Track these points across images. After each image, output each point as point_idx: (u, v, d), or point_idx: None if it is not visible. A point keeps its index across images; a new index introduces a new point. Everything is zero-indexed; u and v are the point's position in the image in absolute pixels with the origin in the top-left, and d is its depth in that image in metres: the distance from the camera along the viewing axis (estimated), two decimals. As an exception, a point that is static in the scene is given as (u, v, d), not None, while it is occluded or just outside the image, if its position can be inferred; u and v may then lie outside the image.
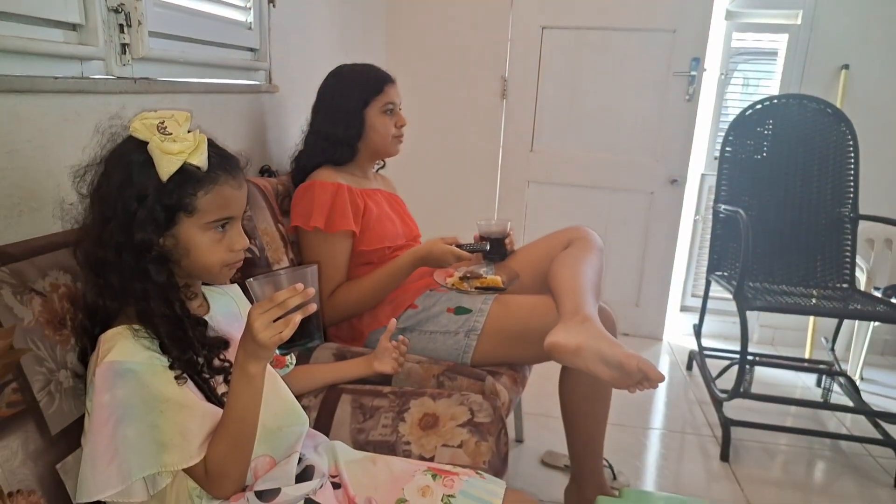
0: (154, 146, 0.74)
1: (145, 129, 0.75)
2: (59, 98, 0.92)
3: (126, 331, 0.74)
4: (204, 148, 0.77)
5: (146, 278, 0.76)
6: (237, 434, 0.76)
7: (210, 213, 0.78)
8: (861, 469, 1.84)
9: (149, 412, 0.71)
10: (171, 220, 0.76)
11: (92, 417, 0.71)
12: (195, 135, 0.76)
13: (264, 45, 1.54)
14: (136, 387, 0.71)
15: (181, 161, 0.74)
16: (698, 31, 2.45)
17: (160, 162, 0.74)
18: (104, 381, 0.70)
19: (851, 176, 2.17)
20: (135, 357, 0.72)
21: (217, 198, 0.78)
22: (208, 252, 0.79)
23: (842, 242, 2.17)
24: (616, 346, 1.08)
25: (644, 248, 2.68)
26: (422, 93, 2.57)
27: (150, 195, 0.74)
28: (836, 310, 1.98)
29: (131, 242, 0.75)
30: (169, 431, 0.72)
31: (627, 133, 2.61)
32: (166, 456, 0.72)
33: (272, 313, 0.72)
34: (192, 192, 0.76)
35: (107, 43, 0.98)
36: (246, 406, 0.76)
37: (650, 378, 1.05)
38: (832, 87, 2.55)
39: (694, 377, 2.41)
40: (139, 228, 0.74)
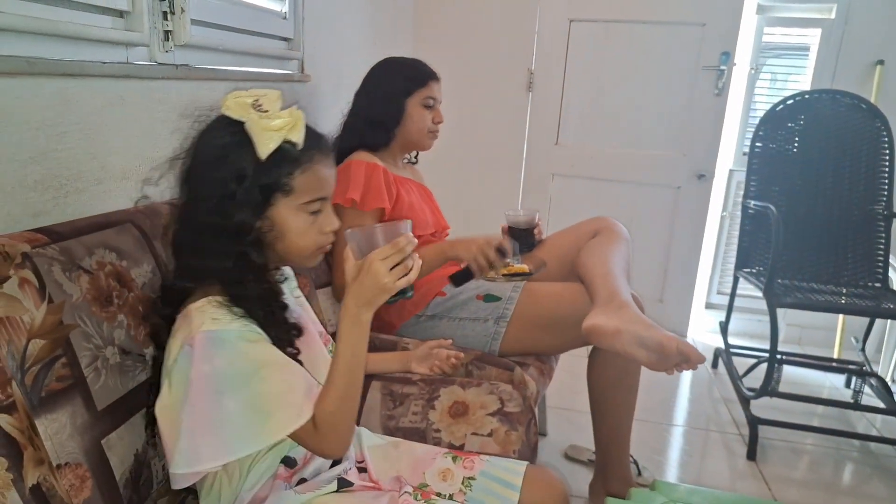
0: (252, 123, 0.72)
1: (240, 107, 0.73)
2: (105, 82, 0.94)
3: (215, 301, 0.73)
4: (302, 124, 0.75)
5: (244, 261, 0.74)
6: (347, 384, 0.75)
7: (306, 194, 0.76)
8: (891, 471, 1.81)
9: (250, 380, 0.70)
10: (267, 201, 0.75)
11: (190, 389, 0.69)
12: (292, 111, 0.75)
13: (298, 34, 1.55)
14: (235, 355, 0.71)
15: (281, 138, 0.73)
16: (729, 25, 2.42)
17: (260, 139, 0.72)
18: (203, 350, 0.69)
19: (886, 173, 2.12)
20: (230, 325, 0.71)
21: (312, 177, 0.76)
22: (303, 234, 0.78)
23: (874, 240, 2.12)
24: (654, 329, 1.08)
25: (669, 243, 2.65)
26: (448, 84, 2.55)
27: (249, 175, 0.73)
28: (868, 308, 1.95)
29: (229, 224, 0.73)
30: (273, 396, 0.71)
31: (654, 127, 2.58)
32: (272, 423, 0.71)
33: (393, 259, 0.73)
34: (289, 172, 0.74)
35: (151, 30, 1.00)
36: (356, 355, 0.75)
37: (690, 359, 1.04)
38: (866, 83, 2.50)
39: (719, 375, 2.38)
40: (238, 209, 0.73)
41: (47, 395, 0.71)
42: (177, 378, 0.72)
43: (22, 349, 0.69)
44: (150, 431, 0.83)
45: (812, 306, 1.87)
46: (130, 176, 1.02)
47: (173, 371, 0.72)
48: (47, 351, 0.71)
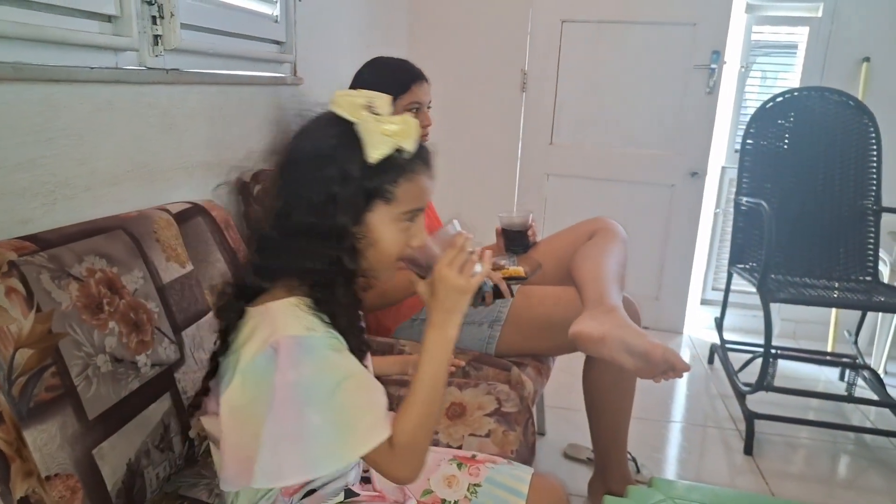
0: (365, 125, 0.69)
1: (352, 106, 0.70)
2: (93, 88, 0.93)
3: (300, 303, 0.69)
4: (417, 132, 0.72)
5: (336, 266, 0.71)
6: (429, 402, 0.72)
7: (405, 204, 0.73)
8: (887, 463, 1.82)
9: (335, 392, 0.67)
10: (367, 207, 0.71)
11: (275, 397, 0.65)
12: (405, 118, 0.72)
13: (290, 37, 1.55)
14: (322, 363, 0.67)
15: (394, 144, 0.70)
16: (719, 25, 2.43)
17: (371, 142, 0.69)
18: (290, 356, 0.65)
19: (874, 168, 2.14)
20: (317, 331, 0.68)
21: (415, 188, 0.73)
22: (393, 245, 0.74)
23: (865, 235, 2.14)
24: (641, 336, 1.07)
25: (664, 241, 2.66)
26: (442, 85, 2.55)
27: (354, 177, 0.69)
28: (860, 302, 1.96)
29: (327, 226, 0.70)
30: (356, 410, 0.68)
31: (647, 126, 2.59)
32: (355, 439, 0.67)
33: (458, 260, 0.72)
34: (393, 179, 0.71)
35: (140, 34, 0.99)
36: (438, 371, 0.73)
37: (676, 367, 1.04)
38: (853, 80, 2.52)
39: (715, 371, 2.39)
40: (339, 212, 0.69)
41: (36, 406, 0.70)
42: (254, 379, 0.67)
43: (9, 359, 0.68)
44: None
45: (805, 301, 1.88)
46: (121, 181, 1.01)
47: (249, 371, 0.67)
48: (36, 361, 0.70)
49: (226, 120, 1.30)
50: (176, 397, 0.90)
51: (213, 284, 1.04)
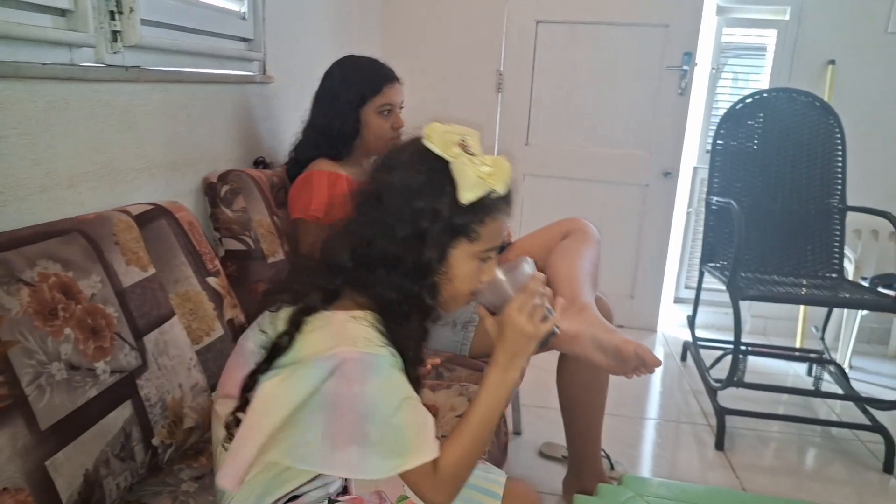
0: (461, 166, 0.70)
1: (445, 143, 0.71)
2: (46, 85, 0.89)
3: (367, 318, 0.71)
4: (509, 175, 0.73)
5: (415, 301, 0.73)
6: (479, 435, 0.74)
7: (486, 242, 0.74)
8: (851, 454, 1.86)
9: (395, 412, 0.69)
10: (451, 244, 0.73)
11: (336, 402, 0.67)
12: (498, 160, 0.72)
13: (259, 35, 1.52)
14: (386, 383, 0.69)
15: (488, 188, 0.71)
16: (690, 27, 2.46)
17: (465, 184, 0.70)
18: (356, 371, 0.67)
19: (839, 168, 2.19)
20: (384, 350, 0.70)
21: (497, 228, 0.75)
22: (467, 281, 0.76)
23: (831, 233, 2.19)
24: (613, 333, 1.09)
25: (638, 240, 2.69)
26: (418, 86, 2.55)
27: (444, 216, 0.70)
28: (826, 298, 2.00)
29: (412, 260, 0.71)
30: (410, 429, 0.70)
31: (621, 126, 2.61)
32: (404, 455, 0.69)
33: (530, 305, 0.73)
34: (480, 219, 0.72)
35: (97, 30, 0.96)
36: (494, 408, 0.75)
37: (647, 363, 1.05)
38: (820, 82, 2.57)
39: (688, 367, 2.42)
40: (426, 248, 0.71)
41: (-17, 418, 0.67)
42: (302, 379, 0.68)
43: (-45, 369, 0.64)
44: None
45: (773, 298, 1.92)
46: (78, 183, 0.98)
47: (301, 369, 0.68)
48: (-17, 370, 0.67)
49: (191, 119, 1.27)
50: (138, 404, 0.87)
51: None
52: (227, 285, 1.13)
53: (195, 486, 0.91)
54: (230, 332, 1.09)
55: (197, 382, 0.99)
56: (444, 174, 0.70)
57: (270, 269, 1.31)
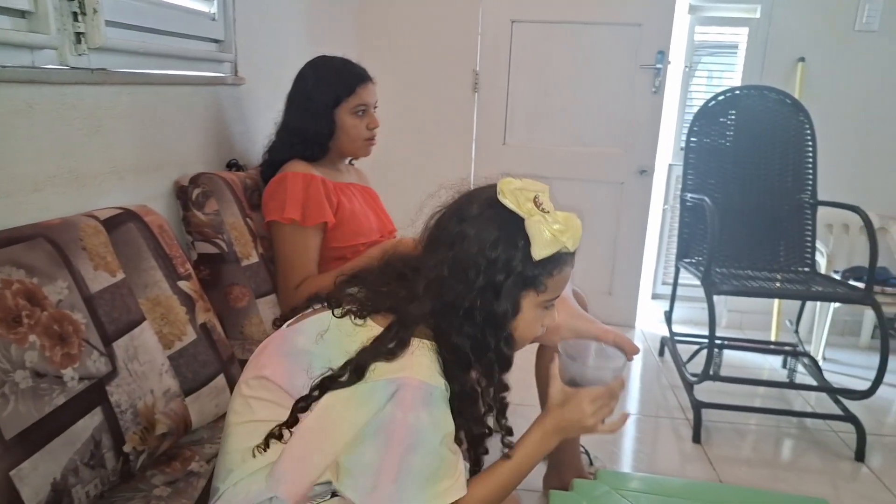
0: (538, 224, 0.72)
1: (519, 200, 0.74)
2: (7, 88, 0.88)
3: (432, 345, 0.73)
4: (579, 234, 0.76)
5: (494, 352, 0.75)
6: (508, 484, 0.80)
7: (552, 293, 0.77)
8: (825, 444, 1.90)
9: (439, 444, 0.71)
10: (521, 295, 0.75)
11: (389, 429, 0.68)
12: (570, 217, 0.75)
13: (229, 35, 1.50)
14: (438, 416, 0.71)
15: (560, 245, 0.73)
16: (663, 25, 2.50)
17: (539, 242, 0.72)
18: (413, 399, 0.69)
19: (810, 163, 2.23)
20: (439, 382, 0.72)
21: (563, 279, 0.77)
22: (531, 329, 0.79)
23: (803, 228, 2.23)
24: (592, 323, 1.11)
25: (615, 237, 2.72)
26: (394, 86, 2.55)
27: (517, 270, 0.73)
28: (799, 292, 2.05)
29: (486, 311, 0.73)
30: (448, 465, 0.72)
31: (597, 125, 2.64)
32: (439, 489, 0.71)
33: (602, 403, 0.79)
34: (549, 273, 0.75)
35: (60, 31, 0.95)
36: (528, 464, 0.81)
37: (626, 351, 1.06)
38: (790, 79, 2.63)
39: (666, 362, 2.46)
40: (500, 301, 0.73)
41: (-55, 428, 0.65)
42: (364, 398, 0.69)
43: (-87, 378, 0.63)
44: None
45: (747, 292, 1.95)
46: (44, 187, 0.96)
47: (365, 388, 0.69)
48: (-56, 379, 0.66)
49: (160, 122, 1.25)
50: (108, 411, 0.86)
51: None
52: (200, 289, 1.12)
53: (168, 491, 0.90)
54: (203, 336, 1.08)
55: (169, 388, 0.98)
56: (518, 229, 0.73)
57: (245, 272, 1.30)
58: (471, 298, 0.73)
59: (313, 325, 0.77)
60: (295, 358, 0.75)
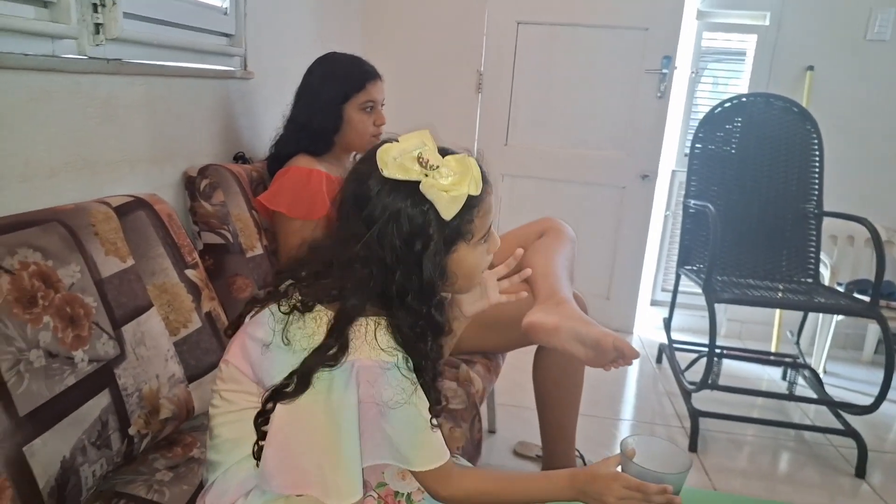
0: (432, 189, 0.69)
1: (404, 168, 0.69)
2: (27, 76, 0.90)
3: (383, 325, 0.72)
4: (478, 174, 0.73)
5: (426, 321, 0.73)
6: (508, 496, 0.80)
7: (481, 230, 0.76)
8: (824, 458, 1.89)
9: (410, 403, 0.71)
10: (449, 253, 0.74)
11: (361, 415, 0.70)
12: (461, 161, 0.72)
13: (240, 30, 1.53)
14: (395, 383, 0.70)
15: (464, 196, 0.71)
16: (670, 30, 2.50)
17: (443, 204, 0.70)
18: (370, 377, 0.69)
19: (816, 173, 2.23)
20: (392, 356, 0.71)
21: (486, 214, 0.76)
22: (476, 266, 0.78)
23: (807, 238, 2.22)
24: (592, 326, 1.11)
25: (615, 242, 2.72)
26: (398, 85, 2.56)
27: (433, 236, 0.71)
28: (801, 303, 2.03)
29: (415, 286, 0.72)
30: (422, 437, 0.74)
31: (600, 128, 2.65)
32: (422, 452, 0.74)
33: (634, 498, 0.76)
34: (469, 220, 0.73)
35: (79, 22, 0.97)
36: (536, 495, 0.80)
37: (625, 355, 1.07)
38: (798, 88, 2.63)
39: (663, 370, 2.46)
40: (426, 269, 0.71)
41: (-39, 402, 0.67)
42: (324, 388, 0.69)
43: (-69, 353, 0.65)
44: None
45: (748, 301, 1.95)
46: (58, 173, 0.98)
47: (323, 378, 0.69)
48: (-39, 355, 0.68)
49: (171, 113, 1.27)
50: (115, 393, 0.88)
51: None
52: (206, 278, 1.14)
53: (170, 476, 0.92)
54: (208, 324, 1.10)
55: (174, 373, 1.00)
56: (417, 195, 0.70)
57: (248, 263, 1.32)
58: (398, 281, 0.71)
59: (267, 318, 0.76)
60: (255, 344, 0.75)
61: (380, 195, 0.71)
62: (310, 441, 0.71)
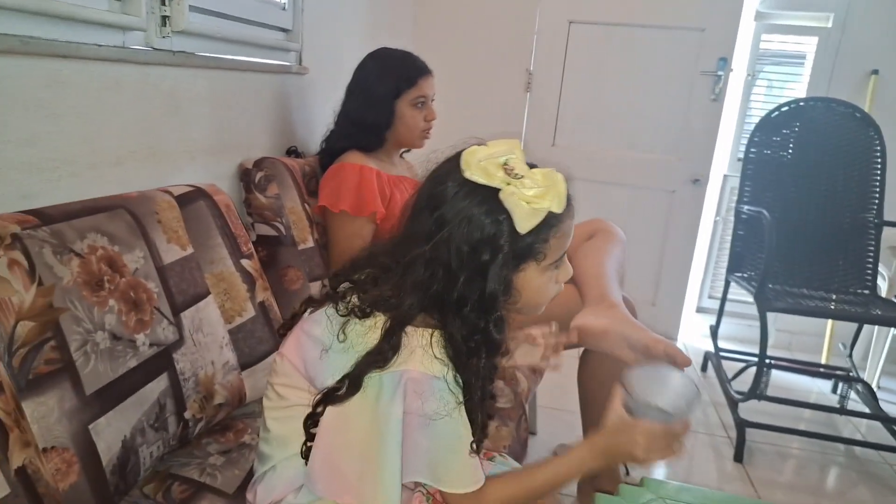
0: (513, 197, 0.66)
1: (488, 173, 0.67)
2: (100, 66, 0.93)
3: (434, 333, 0.70)
4: (564, 191, 0.69)
5: (482, 335, 0.69)
6: (537, 491, 0.76)
7: (554, 255, 0.72)
8: (876, 476, 1.82)
9: (453, 419, 0.69)
10: (517, 270, 0.70)
11: (403, 427, 0.67)
12: (549, 175, 0.69)
13: (297, 25, 1.55)
14: (442, 401, 0.68)
15: (545, 211, 0.67)
16: (727, 31, 2.43)
17: (521, 214, 0.66)
18: (416, 389, 0.67)
19: (878, 181, 2.14)
20: (441, 370, 0.68)
21: (563, 238, 0.72)
22: (543, 293, 0.74)
23: (864, 248, 2.14)
24: (642, 331, 1.08)
25: (663, 247, 2.66)
26: (446, 82, 2.56)
27: (504, 249, 0.67)
28: (857, 314, 1.96)
29: (476, 296, 0.68)
30: (460, 463, 0.71)
31: (651, 131, 2.59)
32: (451, 475, 0.71)
33: (661, 442, 0.73)
34: (545, 239, 0.69)
35: (149, 14, 1.00)
36: (563, 481, 0.77)
37: (677, 362, 1.04)
38: (860, 92, 2.51)
39: (708, 378, 2.40)
40: (491, 281, 0.67)
41: (35, 378, 0.70)
42: (372, 395, 0.68)
43: (10, 331, 0.68)
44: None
45: (802, 311, 1.88)
46: (125, 162, 1.01)
47: (372, 384, 0.68)
48: (36, 333, 0.71)
49: (230, 106, 1.30)
50: (173, 378, 0.91)
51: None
52: (260, 268, 1.16)
53: (222, 460, 0.93)
54: (261, 313, 1.12)
55: (228, 360, 1.02)
56: (496, 203, 0.67)
57: (300, 256, 1.33)
58: (459, 288, 0.67)
59: (324, 319, 0.74)
60: (311, 342, 0.74)
61: (456, 197, 0.68)
62: (352, 448, 0.70)
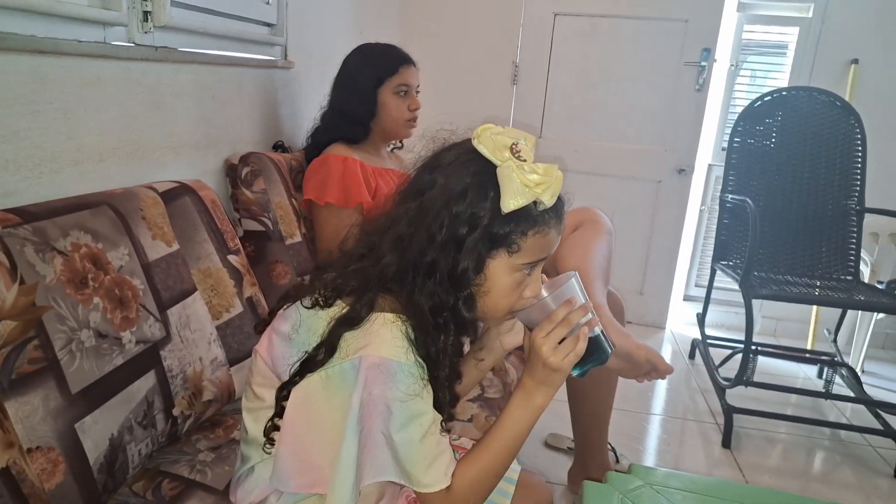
0: (509, 172, 0.65)
1: (496, 147, 0.66)
2: (81, 61, 0.92)
3: (399, 323, 0.67)
4: (559, 187, 0.68)
5: (451, 312, 0.68)
6: (498, 459, 0.72)
7: (529, 255, 0.69)
8: (860, 458, 1.86)
9: (408, 425, 0.67)
10: (489, 254, 0.68)
11: (361, 412, 0.65)
12: (550, 169, 0.67)
13: (281, 20, 1.54)
14: (401, 387, 0.66)
15: (533, 197, 0.66)
16: (710, 22, 2.45)
17: (509, 191, 0.65)
18: (375, 376, 0.65)
19: (858, 169, 2.17)
20: (401, 356, 0.66)
21: (542, 241, 0.69)
22: (508, 295, 0.70)
23: (847, 234, 2.17)
24: (625, 337, 1.08)
25: (650, 236, 2.68)
26: (433, 76, 2.56)
27: (482, 224, 0.66)
28: (841, 300, 1.99)
29: (447, 269, 0.67)
30: (422, 454, 0.67)
31: (636, 121, 2.61)
32: (417, 474, 0.67)
33: (557, 334, 0.69)
34: (523, 231, 0.67)
35: (130, 9, 0.99)
36: (519, 434, 0.72)
37: (659, 369, 1.05)
38: (841, 81, 2.55)
39: (696, 366, 2.42)
40: (463, 257, 0.66)
41: (18, 378, 0.69)
42: (336, 384, 0.66)
43: (-7, 330, 0.67)
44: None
45: (787, 297, 1.91)
46: (108, 158, 1.00)
47: (335, 373, 0.66)
48: (19, 332, 0.70)
49: (215, 101, 1.29)
50: (161, 375, 0.90)
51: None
52: (247, 264, 1.16)
53: (212, 457, 0.93)
54: (249, 309, 1.11)
55: (216, 357, 1.02)
56: (490, 179, 0.66)
57: (288, 251, 1.33)
58: (432, 253, 0.66)
59: (293, 313, 0.74)
60: (280, 339, 0.74)
61: (456, 162, 0.68)
62: (322, 437, 0.68)
